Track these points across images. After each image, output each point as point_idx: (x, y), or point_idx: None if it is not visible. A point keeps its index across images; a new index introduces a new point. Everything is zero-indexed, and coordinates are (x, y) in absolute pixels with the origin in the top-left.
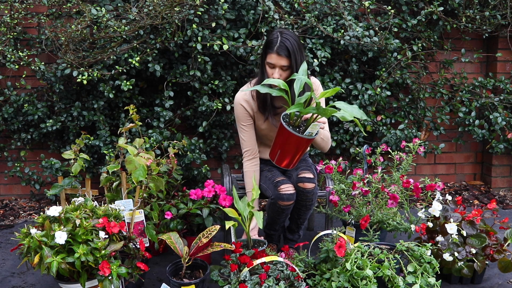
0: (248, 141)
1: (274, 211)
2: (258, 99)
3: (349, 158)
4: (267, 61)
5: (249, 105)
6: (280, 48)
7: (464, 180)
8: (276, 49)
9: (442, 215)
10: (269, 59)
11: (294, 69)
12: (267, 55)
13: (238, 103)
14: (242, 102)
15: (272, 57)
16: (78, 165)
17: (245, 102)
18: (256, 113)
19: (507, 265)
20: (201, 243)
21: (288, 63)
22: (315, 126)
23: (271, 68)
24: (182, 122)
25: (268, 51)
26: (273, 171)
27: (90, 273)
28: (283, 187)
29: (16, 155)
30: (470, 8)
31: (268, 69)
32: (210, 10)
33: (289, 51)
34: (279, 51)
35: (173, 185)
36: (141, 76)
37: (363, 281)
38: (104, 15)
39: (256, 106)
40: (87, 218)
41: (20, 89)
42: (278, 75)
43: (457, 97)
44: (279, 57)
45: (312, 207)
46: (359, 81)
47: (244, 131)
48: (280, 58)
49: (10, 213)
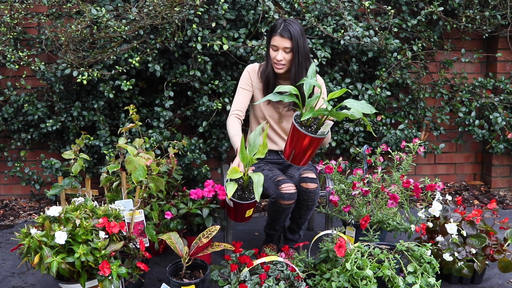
0: (240, 103)
1: (274, 210)
2: (261, 78)
3: (349, 158)
4: (271, 43)
5: (254, 76)
6: (283, 30)
7: (464, 180)
8: (279, 31)
9: (442, 215)
10: (272, 41)
11: (296, 52)
12: (271, 38)
13: (246, 70)
14: (249, 70)
15: (276, 39)
16: (78, 165)
17: (253, 72)
18: (256, 90)
19: (507, 265)
20: (201, 243)
21: (291, 45)
22: (327, 126)
23: (275, 50)
24: (182, 122)
25: (272, 34)
26: (274, 170)
27: (90, 273)
28: (284, 186)
29: (16, 155)
30: (470, 8)
31: (272, 52)
32: (210, 10)
33: (291, 33)
34: (282, 33)
35: (173, 185)
36: (141, 76)
37: (363, 281)
38: (104, 15)
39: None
40: (87, 218)
41: (20, 89)
42: (281, 56)
43: (457, 97)
44: (282, 38)
45: (313, 207)
46: (359, 81)
47: (240, 94)
48: (283, 39)
49: (10, 213)
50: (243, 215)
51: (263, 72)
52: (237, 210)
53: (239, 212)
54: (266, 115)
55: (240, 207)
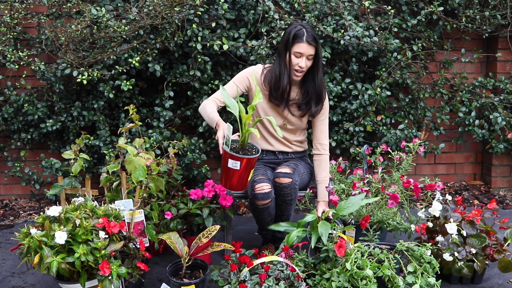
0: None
1: (253, 210)
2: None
3: (349, 158)
4: (295, 50)
5: (254, 81)
6: (309, 38)
7: (464, 180)
8: (306, 38)
9: (442, 215)
10: (297, 48)
11: (317, 58)
12: (295, 44)
13: (251, 72)
14: (250, 75)
15: (302, 47)
16: (78, 165)
17: (254, 78)
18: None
19: (507, 265)
20: (201, 243)
21: (315, 52)
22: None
23: (298, 57)
24: (182, 122)
25: (298, 41)
26: (257, 170)
27: (90, 273)
28: (258, 186)
29: (16, 155)
30: (470, 8)
31: (295, 58)
32: (210, 10)
33: (316, 41)
34: (309, 40)
35: (173, 185)
36: (141, 76)
37: (363, 281)
38: (104, 15)
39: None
40: (87, 218)
41: (20, 89)
42: (304, 64)
43: (457, 97)
44: (309, 46)
45: (292, 202)
46: (359, 81)
47: (230, 87)
48: (310, 47)
49: (10, 213)
50: (233, 175)
51: (276, 78)
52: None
53: (230, 173)
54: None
55: (230, 157)
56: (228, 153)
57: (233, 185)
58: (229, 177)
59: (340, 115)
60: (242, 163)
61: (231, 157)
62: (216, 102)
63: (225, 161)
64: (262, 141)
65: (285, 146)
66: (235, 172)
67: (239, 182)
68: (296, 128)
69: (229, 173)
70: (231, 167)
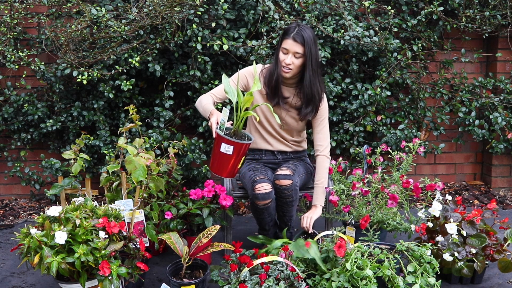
0: (221, 91)
1: (254, 210)
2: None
3: (349, 158)
4: (282, 46)
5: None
6: (297, 35)
7: (464, 180)
8: (292, 35)
9: (442, 215)
10: (284, 44)
11: (307, 59)
12: (283, 41)
13: (250, 72)
14: (249, 73)
15: (288, 43)
16: (78, 165)
17: (251, 75)
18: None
19: (507, 265)
20: (201, 243)
21: (302, 51)
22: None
23: (285, 54)
24: (182, 122)
25: (285, 37)
26: (257, 170)
27: (90, 273)
28: (258, 187)
29: (16, 155)
30: (470, 8)
31: (282, 54)
32: (210, 10)
33: (304, 39)
34: (295, 37)
35: (173, 185)
36: (141, 76)
37: (363, 281)
38: (104, 15)
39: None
40: (87, 218)
41: (20, 89)
42: (290, 60)
43: (457, 97)
44: (295, 43)
45: (293, 203)
46: (359, 81)
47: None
48: (295, 44)
49: (10, 213)
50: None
51: (270, 74)
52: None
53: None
54: (268, 117)
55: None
56: (222, 137)
57: (223, 170)
58: (221, 162)
59: (340, 115)
60: (235, 148)
61: (224, 141)
62: (212, 97)
63: (218, 146)
64: (261, 141)
65: (283, 145)
66: (227, 157)
67: (231, 168)
68: (291, 128)
69: (221, 158)
70: (223, 151)
